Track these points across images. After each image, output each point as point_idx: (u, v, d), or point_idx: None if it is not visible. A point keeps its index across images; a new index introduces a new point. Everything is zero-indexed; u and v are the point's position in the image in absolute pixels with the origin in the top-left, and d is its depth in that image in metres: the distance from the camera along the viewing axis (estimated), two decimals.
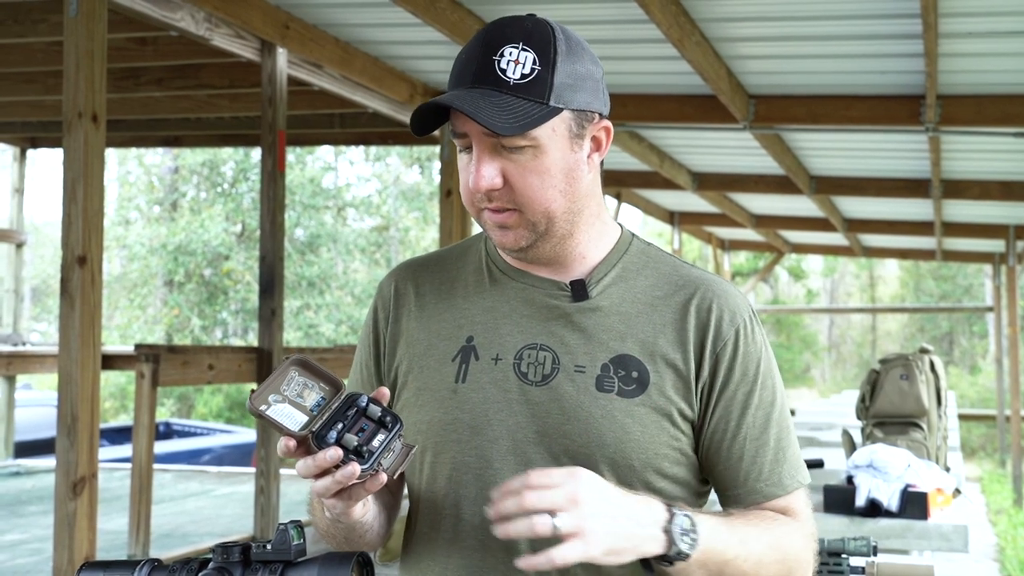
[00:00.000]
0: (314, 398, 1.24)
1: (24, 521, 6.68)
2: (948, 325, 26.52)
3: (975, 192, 8.05)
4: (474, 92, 1.29)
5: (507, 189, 1.32)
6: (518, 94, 1.29)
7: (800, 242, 13.63)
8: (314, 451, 1.20)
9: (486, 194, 1.32)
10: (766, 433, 1.37)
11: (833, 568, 2.34)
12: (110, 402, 20.00)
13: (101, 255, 3.85)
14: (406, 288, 1.49)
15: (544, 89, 1.29)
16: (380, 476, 1.21)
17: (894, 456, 3.35)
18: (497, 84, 1.29)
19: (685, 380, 1.35)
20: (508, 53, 1.30)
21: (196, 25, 4.74)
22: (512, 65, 1.29)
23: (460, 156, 1.36)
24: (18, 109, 8.04)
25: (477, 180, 1.31)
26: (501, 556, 1.34)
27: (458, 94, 1.29)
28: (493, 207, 1.33)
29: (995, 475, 13.82)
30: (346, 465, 1.18)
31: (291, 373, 1.24)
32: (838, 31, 4.75)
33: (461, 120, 1.31)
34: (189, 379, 5.46)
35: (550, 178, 1.32)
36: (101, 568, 1.26)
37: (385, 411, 1.23)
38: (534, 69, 1.29)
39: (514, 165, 1.31)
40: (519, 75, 1.29)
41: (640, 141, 7.16)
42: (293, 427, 1.21)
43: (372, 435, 1.21)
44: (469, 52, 1.33)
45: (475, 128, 1.30)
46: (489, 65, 1.30)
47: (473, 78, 1.30)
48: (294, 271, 19.18)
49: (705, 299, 1.38)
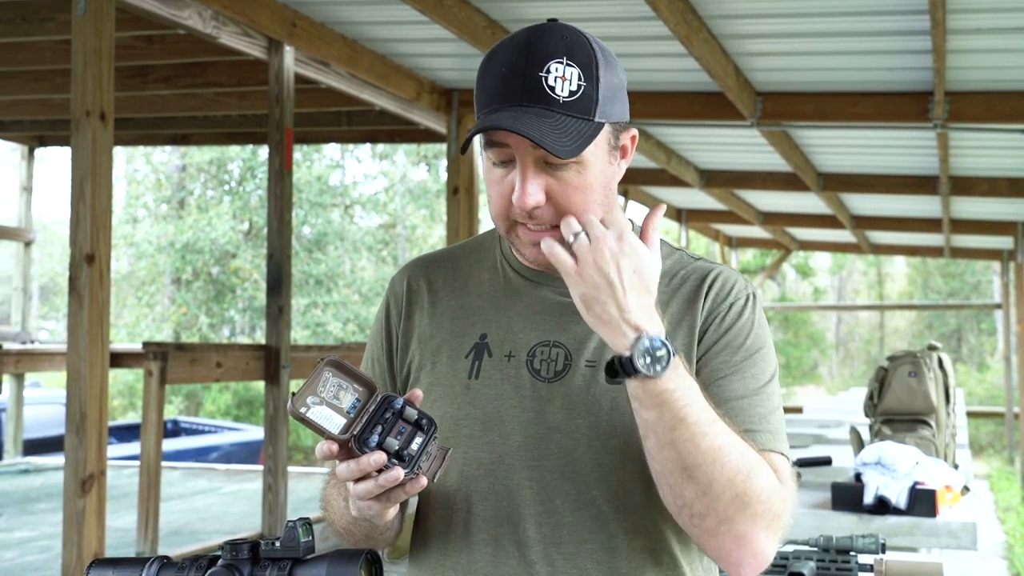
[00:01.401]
0: (349, 400, 1.24)
1: (33, 519, 6.70)
2: (956, 322, 26.45)
3: (983, 189, 8.03)
4: (528, 112, 1.27)
5: (548, 207, 1.31)
6: (568, 112, 1.28)
7: (808, 239, 13.60)
8: (355, 454, 1.20)
9: (528, 212, 1.31)
10: (757, 395, 1.35)
11: (841, 566, 2.34)
12: (118, 400, 20.06)
13: (109, 253, 3.86)
14: (419, 285, 1.49)
15: (590, 105, 1.29)
16: (420, 480, 1.22)
17: (902, 453, 3.34)
18: (547, 102, 1.27)
19: (690, 359, 1.36)
20: (555, 69, 1.28)
21: (203, 23, 4.74)
22: (560, 82, 1.28)
23: (493, 169, 1.33)
24: (26, 107, 8.06)
25: (523, 198, 1.29)
26: (513, 552, 1.34)
27: (515, 115, 1.27)
28: (532, 224, 1.32)
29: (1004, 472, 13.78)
30: (389, 470, 1.19)
31: (326, 374, 1.24)
32: (846, 27, 4.74)
33: (505, 134, 1.29)
34: (197, 377, 5.47)
35: (592, 193, 1.32)
36: (110, 566, 1.26)
37: (421, 413, 1.24)
38: (580, 86, 1.29)
39: (557, 182, 1.30)
40: (567, 92, 1.28)
41: (647, 138, 7.15)
42: (334, 430, 1.21)
43: (410, 438, 1.22)
44: (510, 65, 1.30)
45: (522, 144, 1.28)
46: (537, 82, 1.28)
47: (522, 95, 1.28)
48: (301, 269, 19.20)
49: (708, 280, 1.40)
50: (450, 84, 6.39)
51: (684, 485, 1.23)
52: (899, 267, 28.72)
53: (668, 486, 1.25)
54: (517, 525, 1.34)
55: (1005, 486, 12.52)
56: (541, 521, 1.34)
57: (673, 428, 1.20)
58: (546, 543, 1.34)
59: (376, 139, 9.58)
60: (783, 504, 1.28)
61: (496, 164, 1.32)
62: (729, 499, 1.22)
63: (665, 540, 1.37)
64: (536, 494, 1.34)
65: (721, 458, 1.21)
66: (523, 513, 1.34)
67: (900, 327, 27.87)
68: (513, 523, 1.35)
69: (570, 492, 1.34)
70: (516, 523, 1.35)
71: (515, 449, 1.36)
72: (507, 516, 1.35)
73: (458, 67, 6.01)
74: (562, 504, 1.34)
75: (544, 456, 1.34)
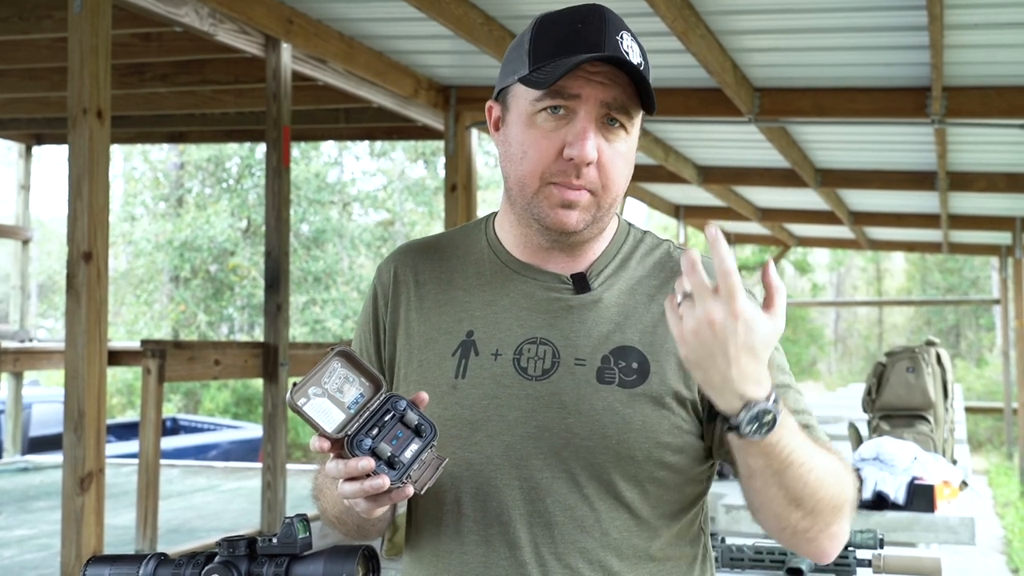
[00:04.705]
0: (353, 394, 1.22)
1: (32, 517, 6.70)
2: (955, 318, 26.46)
3: (981, 184, 8.03)
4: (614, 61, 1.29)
5: (595, 167, 1.31)
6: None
7: (806, 235, 13.60)
8: (347, 454, 1.19)
9: (579, 168, 1.30)
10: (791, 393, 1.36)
11: (840, 561, 2.34)
12: (117, 398, 20.04)
13: (107, 251, 3.86)
14: (405, 275, 1.47)
15: (648, 79, 1.32)
16: (407, 489, 1.20)
17: (900, 449, 3.34)
18: (626, 64, 1.29)
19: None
20: (627, 38, 1.32)
21: (200, 21, 4.74)
22: (632, 50, 1.31)
23: (541, 123, 1.31)
24: (23, 105, 8.05)
25: (586, 149, 1.28)
26: (504, 552, 1.33)
27: (616, 57, 1.28)
28: (575, 183, 1.31)
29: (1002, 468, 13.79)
30: (376, 477, 1.17)
31: (334, 364, 1.23)
32: (843, 23, 4.74)
33: (581, 82, 1.29)
34: (195, 375, 5.47)
35: (627, 166, 1.35)
36: (108, 562, 1.26)
37: (422, 419, 1.22)
38: (641, 62, 1.32)
39: (608, 146, 1.32)
40: (636, 61, 1.31)
41: (645, 134, 7.14)
42: (328, 427, 1.19)
43: (406, 444, 1.20)
44: (588, 23, 1.31)
45: (597, 95, 1.29)
46: (616, 43, 1.30)
47: (604, 47, 1.29)
48: (300, 266, 19.18)
49: None
50: (448, 81, 6.38)
51: (791, 513, 1.26)
52: (897, 263, 28.73)
53: (774, 516, 1.27)
54: (507, 526, 1.33)
55: (1003, 481, 12.52)
56: (532, 521, 1.33)
57: (780, 472, 1.22)
58: (537, 543, 1.32)
59: (374, 136, 9.57)
60: (855, 488, 1.34)
61: (554, 113, 1.31)
62: (830, 511, 1.28)
63: (658, 538, 1.36)
64: (525, 494, 1.33)
65: (825, 484, 1.26)
66: (513, 514, 1.33)
67: (898, 323, 27.88)
68: (503, 524, 1.33)
69: (560, 492, 1.32)
70: (506, 524, 1.33)
71: (503, 449, 1.34)
72: (497, 517, 1.33)
73: (456, 64, 6.00)
74: (552, 504, 1.32)
75: (533, 456, 1.33)
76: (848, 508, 1.31)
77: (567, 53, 1.29)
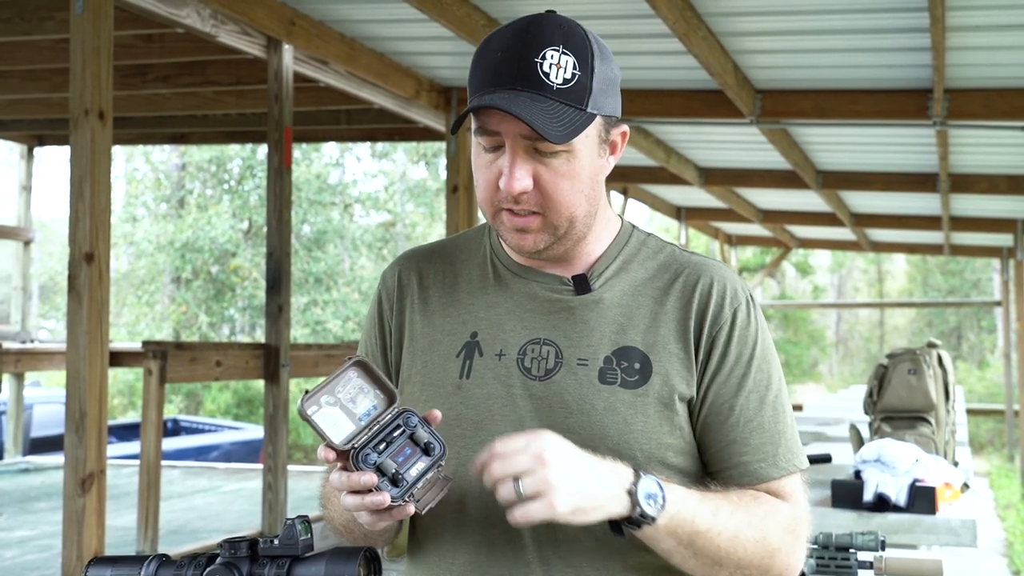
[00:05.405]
0: (366, 406, 1.22)
1: (33, 518, 6.70)
2: (956, 320, 26.45)
3: (983, 186, 8.03)
4: (521, 95, 1.27)
5: (535, 193, 1.31)
6: (561, 99, 1.28)
7: (807, 237, 13.60)
8: (351, 467, 1.18)
9: (515, 197, 1.31)
10: (760, 415, 1.37)
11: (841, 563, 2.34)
12: (118, 399, 20.04)
13: (108, 252, 3.86)
14: (409, 279, 1.49)
15: (584, 95, 1.29)
16: (408, 507, 1.19)
17: (902, 451, 3.34)
18: (541, 88, 1.27)
19: (687, 365, 1.36)
20: (550, 56, 1.28)
21: (202, 22, 4.74)
22: (554, 69, 1.28)
23: (481, 154, 1.33)
24: (25, 107, 8.06)
25: (511, 182, 1.29)
26: (506, 550, 1.34)
27: (507, 97, 1.26)
28: (517, 209, 1.32)
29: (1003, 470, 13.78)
30: (377, 493, 1.17)
31: (349, 374, 1.22)
32: (845, 25, 4.74)
33: (497, 119, 1.29)
34: (197, 376, 5.47)
35: (579, 183, 1.32)
36: (109, 564, 1.26)
37: (433, 437, 1.21)
38: (575, 75, 1.28)
39: (546, 169, 1.30)
40: (561, 80, 1.28)
41: (647, 136, 7.15)
42: (336, 438, 1.19)
43: (412, 462, 1.19)
44: (506, 49, 1.29)
45: (513, 129, 1.28)
46: (532, 67, 1.27)
47: (515, 79, 1.27)
48: (301, 267, 19.19)
49: (704, 283, 1.39)
50: (449, 82, 6.38)
51: (719, 572, 1.30)
52: (899, 265, 28.72)
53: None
54: (510, 526, 1.32)
55: (1005, 483, 12.52)
56: None
57: (691, 543, 1.27)
58: (541, 543, 1.33)
59: (375, 137, 9.57)
60: (801, 525, 1.37)
61: (486, 149, 1.32)
62: (759, 559, 1.31)
63: None
64: None
65: (741, 539, 1.29)
66: None
67: (900, 325, 27.87)
68: (506, 523, 1.32)
69: None
70: (509, 524, 1.33)
71: None
72: (500, 517, 1.32)
73: (457, 65, 6.01)
74: None
75: None
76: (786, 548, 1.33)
77: (487, 87, 1.29)
